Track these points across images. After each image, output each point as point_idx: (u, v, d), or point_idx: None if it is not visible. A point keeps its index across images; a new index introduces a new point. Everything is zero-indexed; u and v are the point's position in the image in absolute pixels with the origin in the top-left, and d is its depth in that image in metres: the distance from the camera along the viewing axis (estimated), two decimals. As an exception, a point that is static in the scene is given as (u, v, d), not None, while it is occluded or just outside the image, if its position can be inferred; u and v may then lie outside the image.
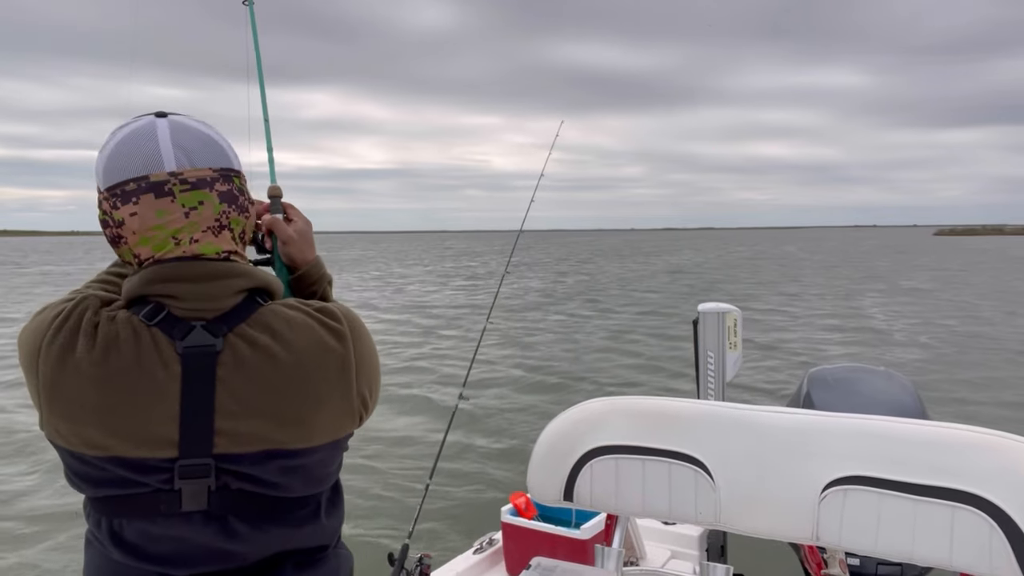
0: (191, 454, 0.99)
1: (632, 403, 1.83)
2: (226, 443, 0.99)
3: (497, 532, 2.84)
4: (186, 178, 1.02)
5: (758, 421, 1.68)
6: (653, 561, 2.81)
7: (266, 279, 1.08)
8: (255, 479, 1.01)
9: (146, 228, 1.01)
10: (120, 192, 1.01)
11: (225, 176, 1.07)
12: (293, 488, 1.05)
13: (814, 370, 2.71)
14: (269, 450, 1.01)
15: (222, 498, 1.01)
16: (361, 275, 36.65)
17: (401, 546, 2.39)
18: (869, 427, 1.58)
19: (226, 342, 1.00)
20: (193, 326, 1.00)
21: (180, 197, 1.01)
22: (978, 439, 1.49)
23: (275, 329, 1.03)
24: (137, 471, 0.98)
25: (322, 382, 1.04)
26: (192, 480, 0.99)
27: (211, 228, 1.04)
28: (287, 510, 1.06)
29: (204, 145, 1.06)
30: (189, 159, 1.03)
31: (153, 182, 1.01)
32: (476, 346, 3.46)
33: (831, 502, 1.58)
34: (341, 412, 1.07)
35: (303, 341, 1.03)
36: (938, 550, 1.49)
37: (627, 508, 1.82)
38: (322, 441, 1.05)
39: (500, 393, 9.79)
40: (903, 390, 2.50)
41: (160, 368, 0.98)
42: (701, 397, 3.27)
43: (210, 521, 1.01)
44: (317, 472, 1.07)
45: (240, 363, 1.00)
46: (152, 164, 1.01)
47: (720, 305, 3.28)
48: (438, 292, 26.28)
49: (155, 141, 1.02)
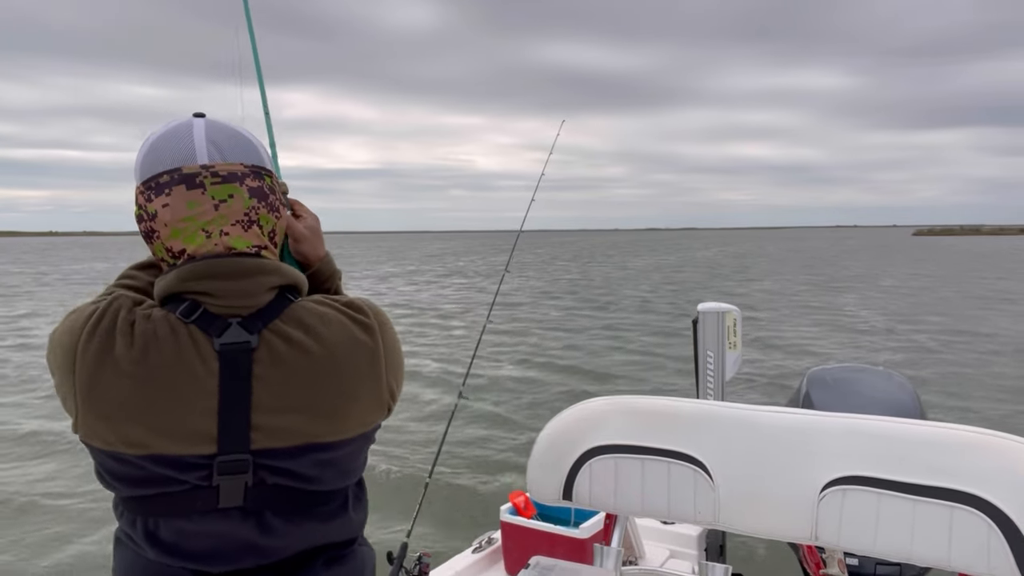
0: (229, 450, 1.00)
1: (631, 402, 1.83)
2: (263, 438, 1.01)
3: (496, 531, 2.84)
4: (217, 171, 1.04)
5: (757, 421, 1.68)
6: (652, 560, 2.81)
7: (296, 276, 1.10)
8: (291, 473, 1.03)
9: (177, 219, 1.03)
10: (154, 184, 1.04)
11: (256, 173, 1.09)
12: (326, 481, 1.07)
13: (813, 370, 2.71)
14: (305, 444, 1.03)
15: (258, 494, 1.02)
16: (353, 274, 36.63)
17: (400, 544, 2.39)
18: (868, 427, 1.59)
19: (261, 339, 1.02)
20: (229, 323, 1.02)
21: (211, 189, 1.04)
22: (977, 439, 1.49)
23: (308, 324, 1.05)
24: (176, 468, 0.99)
25: (354, 376, 1.06)
26: (230, 476, 1.00)
27: (240, 222, 1.06)
28: (320, 503, 1.07)
29: (237, 142, 1.09)
30: (221, 154, 1.06)
31: (185, 174, 1.03)
32: (476, 344, 3.46)
33: (830, 502, 1.58)
34: (372, 404, 1.10)
35: (335, 336, 1.06)
36: (937, 550, 1.49)
37: (626, 507, 1.82)
38: (355, 433, 1.08)
39: (500, 392, 9.79)
40: (902, 390, 2.50)
41: (199, 364, 0.99)
42: (700, 397, 3.27)
43: (247, 517, 1.02)
44: (348, 464, 1.10)
45: (276, 359, 1.02)
46: (185, 157, 1.04)
47: (720, 305, 3.28)
48: (437, 291, 26.28)
49: (190, 136, 1.06)
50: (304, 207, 1.33)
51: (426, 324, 16.93)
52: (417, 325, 16.75)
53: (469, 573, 2.69)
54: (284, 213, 1.16)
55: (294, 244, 1.29)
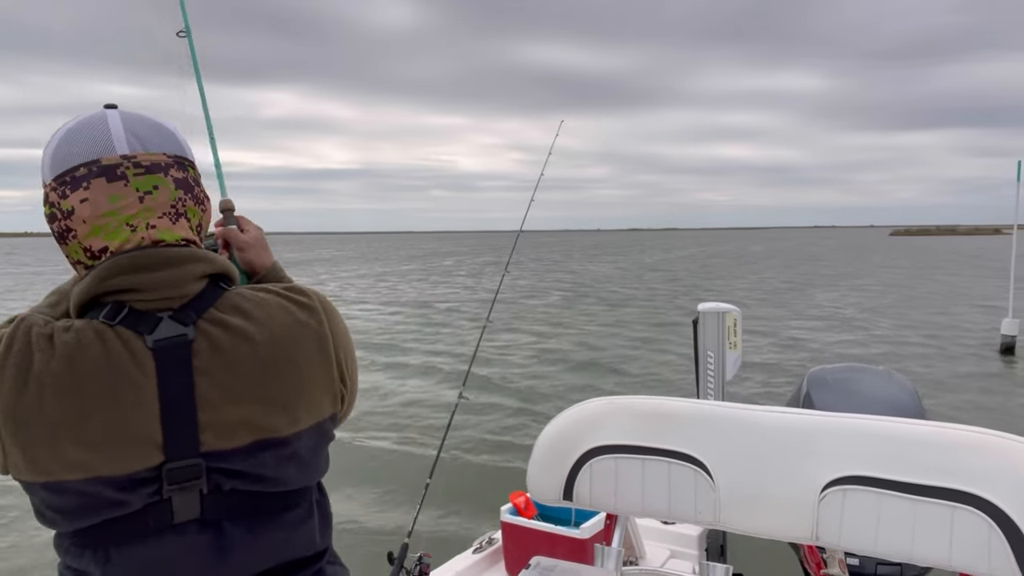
0: (178, 456, 0.92)
1: (631, 403, 1.83)
2: (213, 438, 0.94)
3: (497, 531, 2.84)
4: (139, 161, 0.98)
5: (758, 421, 1.68)
6: (652, 561, 2.81)
7: (226, 265, 1.03)
8: (248, 475, 0.97)
9: (97, 215, 0.95)
10: (69, 179, 0.96)
11: (179, 164, 1.03)
12: (288, 479, 1.00)
13: (814, 370, 2.71)
14: (259, 440, 0.96)
15: (215, 501, 0.96)
16: (350, 274, 36.65)
17: (401, 545, 2.40)
18: (868, 427, 1.58)
19: (197, 330, 0.95)
20: (160, 318, 0.94)
21: (134, 181, 0.97)
22: (977, 439, 1.49)
23: (246, 310, 0.99)
24: (123, 489, 0.91)
25: (302, 360, 1.01)
26: (182, 485, 0.93)
27: (167, 214, 0.99)
28: (281, 508, 1.01)
29: (156, 132, 1.02)
30: (142, 144, 0.99)
31: (105, 165, 0.96)
32: (476, 345, 3.46)
33: (830, 502, 1.58)
34: (324, 389, 1.04)
35: (277, 319, 1.00)
36: (937, 550, 1.49)
37: (627, 508, 1.82)
38: (311, 423, 1.02)
39: (500, 392, 9.79)
40: (902, 390, 2.50)
41: (133, 366, 0.91)
42: (701, 397, 3.27)
43: (204, 529, 0.95)
44: (308, 460, 1.03)
45: (216, 349, 0.95)
46: (103, 148, 0.97)
47: (720, 305, 3.28)
48: (433, 290, 26.28)
49: (106, 126, 0.99)
50: (248, 221, 1.34)
51: (426, 324, 16.93)
52: (416, 325, 16.75)
53: (470, 573, 2.69)
54: (209, 207, 1.09)
55: (239, 253, 1.28)
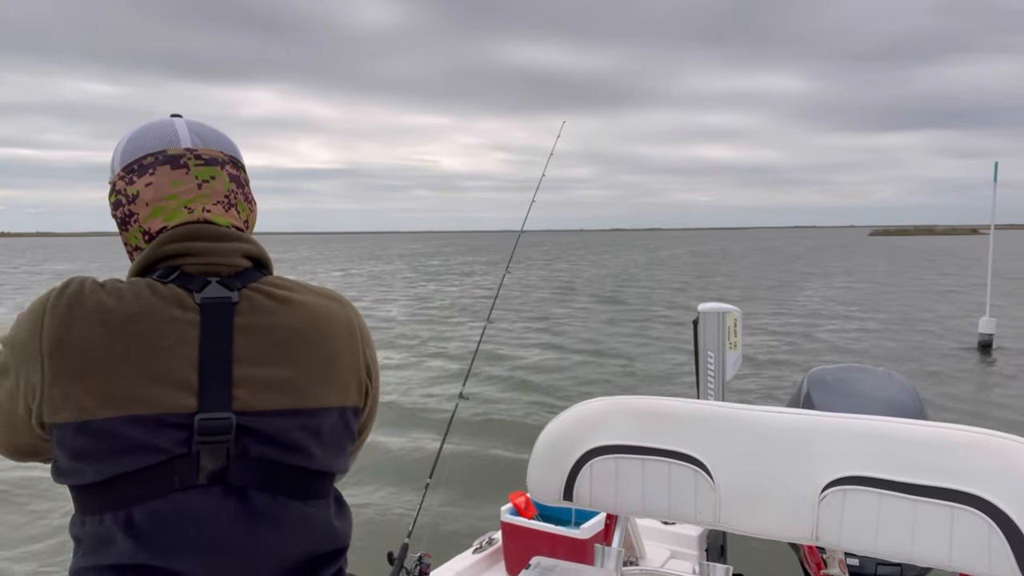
0: (211, 407, 0.95)
1: (632, 403, 1.83)
2: (246, 395, 0.98)
3: (497, 531, 2.84)
4: (200, 154, 1.10)
5: (758, 421, 1.68)
6: (653, 561, 2.81)
7: (267, 255, 1.12)
8: (274, 440, 0.99)
9: (160, 197, 1.06)
10: (137, 167, 1.07)
11: (234, 162, 1.15)
12: (311, 453, 1.03)
13: (814, 370, 2.71)
14: (289, 408, 1.01)
15: (241, 466, 0.97)
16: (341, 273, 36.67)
17: (401, 545, 2.39)
18: (868, 427, 1.58)
19: (242, 295, 1.03)
20: (209, 281, 1.02)
21: (194, 170, 1.08)
22: (977, 439, 1.49)
23: (286, 286, 1.08)
24: (153, 431, 0.93)
25: (334, 337, 1.08)
26: (211, 439, 0.95)
27: (221, 203, 1.10)
28: (305, 490, 1.03)
29: (216, 135, 1.15)
30: (203, 141, 1.12)
31: (170, 155, 1.08)
32: (476, 345, 3.46)
33: (830, 502, 1.58)
34: (351, 374, 1.10)
35: (313, 300, 1.09)
36: (937, 550, 1.49)
37: (627, 508, 1.82)
38: (335, 403, 1.06)
39: (500, 392, 9.79)
40: (902, 390, 2.50)
41: (179, 311, 0.98)
42: (701, 397, 3.27)
43: (229, 494, 0.96)
44: (329, 443, 1.06)
45: (258, 312, 1.03)
46: (170, 140, 1.09)
47: (720, 305, 3.28)
48: (428, 288, 26.28)
49: (172, 126, 1.12)
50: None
51: (424, 324, 16.93)
52: (415, 326, 16.75)
53: (470, 574, 2.69)
54: (255, 208, 1.20)
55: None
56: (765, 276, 31.86)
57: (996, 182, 12.24)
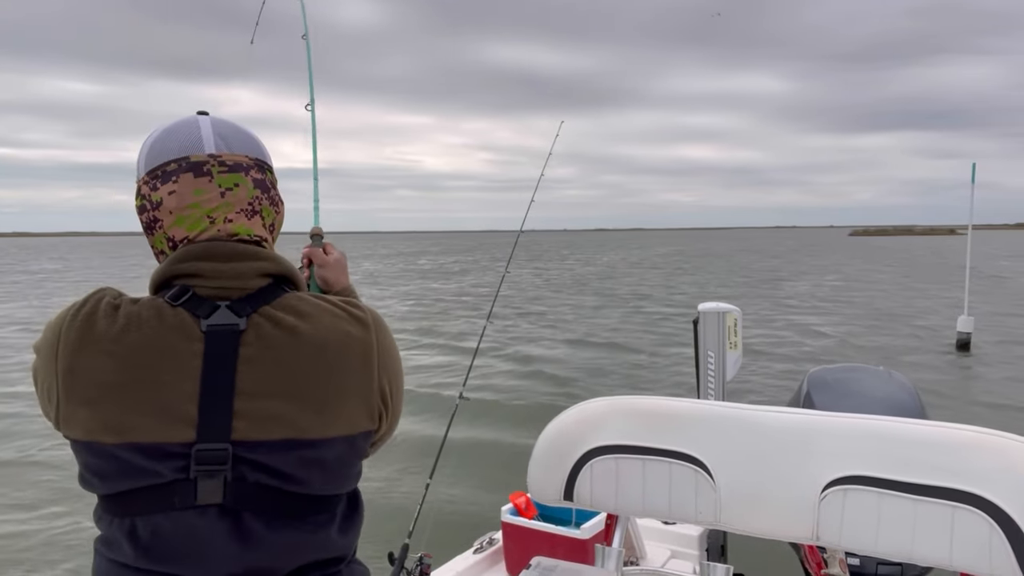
0: (209, 438, 0.97)
1: (632, 403, 1.83)
2: (245, 427, 0.98)
3: (497, 532, 2.84)
4: (224, 160, 1.08)
5: (758, 421, 1.68)
6: (653, 561, 2.81)
7: (292, 268, 1.10)
8: (272, 470, 0.99)
9: (183, 206, 1.05)
10: (160, 173, 1.06)
11: (259, 166, 1.13)
12: (311, 483, 1.02)
13: (814, 370, 2.71)
14: (288, 439, 1.00)
15: (238, 491, 0.98)
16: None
17: (401, 546, 2.40)
18: (869, 427, 1.58)
19: (250, 322, 1.01)
20: (218, 306, 1.01)
21: (217, 178, 1.07)
22: (978, 439, 1.49)
23: (301, 311, 1.04)
24: (153, 458, 0.96)
25: (345, 368, 1.05)
26: (208, 467, 0.97)
27: (244, 211, 1.08)
28: (303, 509, 1.03)
29: (242, 136, 1.13)
30: (228, 145, 1.10)
31: (193, 162, 1.06)
32: (477, 345, 3.46)
33: (831, 502, 1.58)
34: (360, 403, 1.07)
35: (327, 324, 1.05)
36: (938, 550, 1.49)
37: (627, 508, 1.82)
38: (340, 433, 1.04)
39: (500, 392, 9.78)
40: (903, 390, 2.50)
41: (183, 343, 0.98)
42: (701, 397, 3.27)
43: (224, 516, 0.98)
44: (335, 469, 1.05)
45: (264, 342, 1.01)
46: (193, 147, 1.07)
47: (720, 305, 3.28)
48: (424, 286, 26.27)
49: (197, 128, 1.10)
50: (333, 247, 1.46)
51: (424, 323, 16.93)
52: (415, 324, 16.74)
53: (470, 574, 2.69)
54: (282, 209, 1.18)
55: (319, 270, 1.41)
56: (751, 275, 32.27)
57: (974, 183, 12.44)
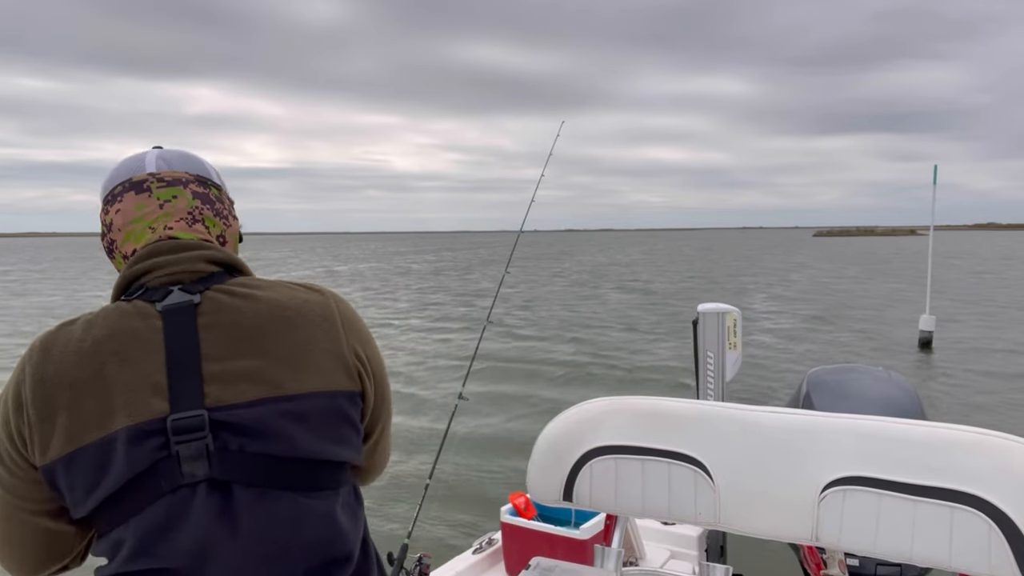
0: (182, 407, 0.97)
1: (632, 403, 1.83)
2: (218, 391, 0.99)
3: (496, 532, 2.85)
4: (162, 177, 1.15)
5: (758, 421, 1.68)
6: (652, 561, 2.81)
7: (239, 259, 1.14)
8: (253, 431, 0.99)
9: (127, 222, 1.12)
10: (110, 197, 1.15)
11: (201, 181, 1.18)
12: (295, 439, 1.01)
13: (813, 370, 2.71)
14: (263, 397, 1.00)
15: (223, 460, 0.98)
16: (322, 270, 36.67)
17: (400, 546, 2.40)
18: (868, 427, 1.58)
19: (204, 296, 1.05)
20: (171, 290, 1.06)
21: (156, 192, 1.14)
22: (977, 439, 1.49)
23: (255, 285, 1.10)
24: (133, 442, 0.95)
25: (307, 323, 1.08)
26: (186, 437, 0.96)
27: (184, 219, 1.14)
28: (298, 480, 1.02)
29: (185, 157, 1.19)
30: (168, 164, 1.17)
31: (135, 181, 1.14)
32: (476, 346, 3.46)
33: (830, 502, 1.58)
34: (332, 358, 1.08)
35: (284, 292, 1.10)
36: (937, 551, 1.49)
37: (626, 508, 1.82)
38: (316, 387, 1.04)
39: (500, 392, 9.79)
40: (902, 390, 2.50)
41: (142, 325, 1.01)
42: (701, 397, 3.27)
43: (213, 491, 0.97)
44: (319, 427, 1.04)
45: (221, 309, 1.04)
46: (136, 170, 1.15)
47: (720, 305, 3.28)
48: (419, 288, 26.28)
49: (143, 156, 1.18)
50: None
51: (423, 323, 16.93)
52: (414, 325, 16.75)
53: (470, 574, 2.69)
54: (234, 224, 1.21)
55: None
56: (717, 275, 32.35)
57: (936, 185, 12.65)
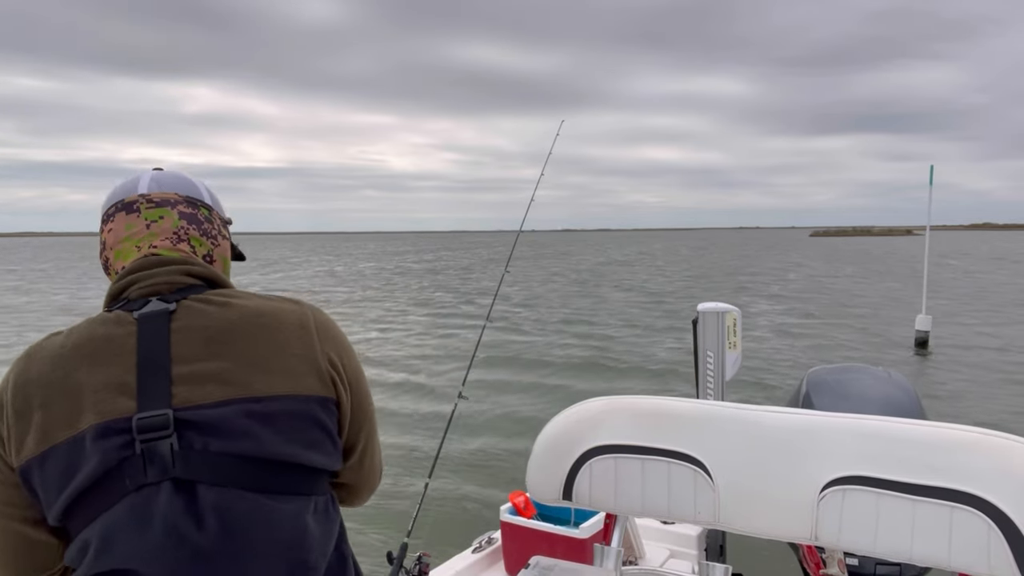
0: (149, 406, 0.99)
1: (631, 402, 1.83)
2: (186, 392, 1.00)
3: (496, 531, 2.85)
4: (152, 198, 1.19)
5: (757, 421, 1.68)
6: (652, 560, 2.81)
7: (219, 273, 1.17)
8: (218, 430, 0.99)
9: (118, 241, 1.17)
10: (105, 217, 1.20)
11: (190, 202, 1.22)
12: (261, 439, 1.01)
13: (813, 370, 2.71)
14: (229, 398, 1.01)
15: (187, 459, 0.98)
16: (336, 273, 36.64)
17: (400, 545, 2.40)
18: (868, 427, 1.58)
19: (180, 304, 1.08)
20: (149, 300, 1.09)
21: (144, 213, 1.18)
22: (977, 439, 1.49)
23: (232, 295, 1.12)
24: (100, 440, 0.97)
25: (281, 329, 1.10)
26: (151, 435, 0.97)
27: (169, 239, 1.17)
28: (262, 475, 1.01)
29: (178, 179, 1.23)
30: (159, 186, 1.21)
31: (126, 202, 1.19)
32: (476, 345, 3.46)
33: (830, 502, 1.58)
34: (305, 364, 1.08)
35: (260, 301, 1.13)
36: (936, 550, 1.49)
37: (626, 507, 1.82)
38: (287, 391, 1.05)
39: (499, 392, 9.79)
40: (902, 390, 2.50)
41: (118, 330, 1.04)
42: (700, 397, 3.27)
43: (179, 490, 0.97)
44: (287, 430, 1.03)
45: (195, 315, 1.07)
46: (129, 191, 1.20)
47: (719, 305, 3.28)
48: (420, 286, 26.27)
49: (137, 178, 1.22)
50: None
51: (423, 323, 16.93)
52: (415, 324, 16.75)
53: (469, 573, 2.69)
54: (224, 244, 1.24)
55: None
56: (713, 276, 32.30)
57: (932, 185, 12.64)
